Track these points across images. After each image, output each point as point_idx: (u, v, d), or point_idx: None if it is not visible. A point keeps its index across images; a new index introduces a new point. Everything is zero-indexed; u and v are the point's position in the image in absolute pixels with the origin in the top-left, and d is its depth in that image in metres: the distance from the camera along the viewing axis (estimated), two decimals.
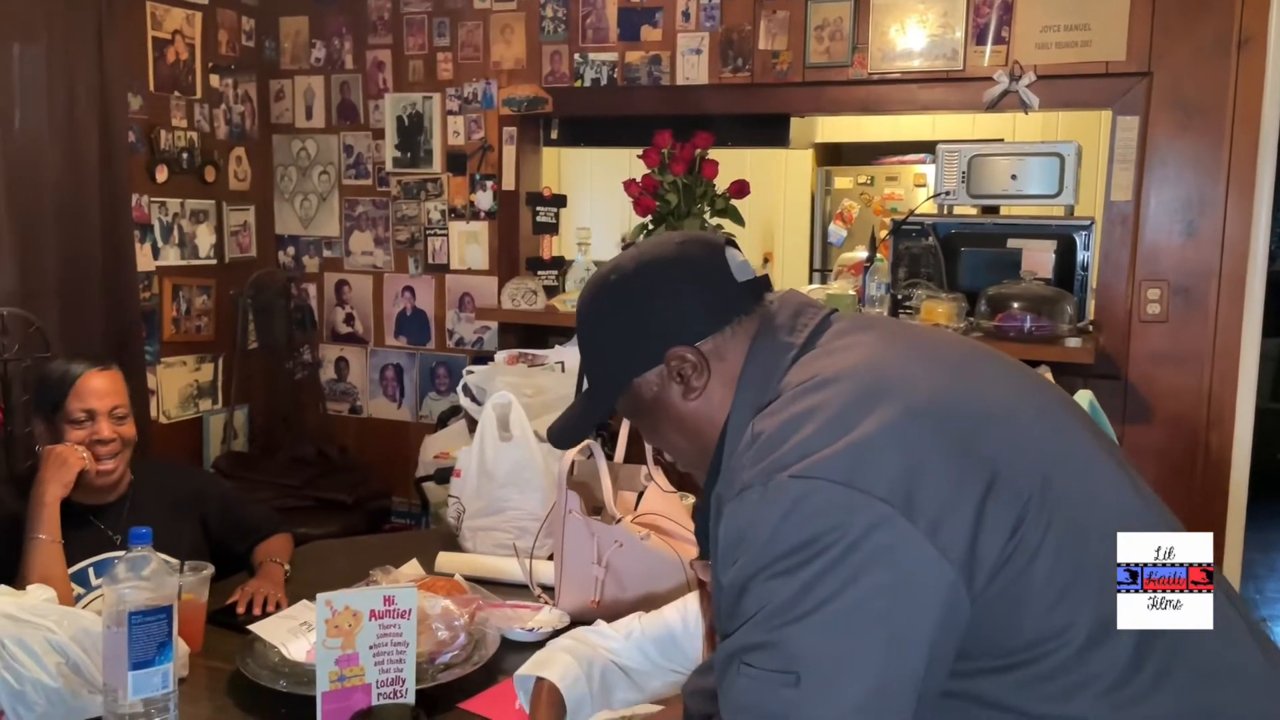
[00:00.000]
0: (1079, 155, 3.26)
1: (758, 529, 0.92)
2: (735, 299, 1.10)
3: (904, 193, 5.41)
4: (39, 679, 1.39)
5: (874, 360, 1.02)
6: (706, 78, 3.60)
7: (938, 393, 0.98)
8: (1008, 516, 0.90)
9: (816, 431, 0.94)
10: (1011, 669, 0.92)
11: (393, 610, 1.44)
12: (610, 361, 1.14)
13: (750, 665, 0.91)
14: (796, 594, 0.89)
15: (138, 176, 3.62)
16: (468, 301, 4.04)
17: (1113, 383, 3.18)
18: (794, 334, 1.07)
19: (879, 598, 0.88)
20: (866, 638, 0.88)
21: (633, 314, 1.11)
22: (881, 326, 1.13)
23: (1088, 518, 0.95)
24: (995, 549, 0.90)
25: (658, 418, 1.13)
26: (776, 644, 0.90)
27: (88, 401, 1.93)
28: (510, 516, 2.16)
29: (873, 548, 0.88)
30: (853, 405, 0.95)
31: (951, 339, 1.18)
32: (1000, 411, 0.99)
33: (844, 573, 0.88)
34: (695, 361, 1.08)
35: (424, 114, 4.01)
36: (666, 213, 3.26)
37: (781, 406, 0.99)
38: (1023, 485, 0.92)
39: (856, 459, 0.91)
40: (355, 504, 3.68)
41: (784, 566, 0.90)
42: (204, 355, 3.98)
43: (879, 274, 3.18)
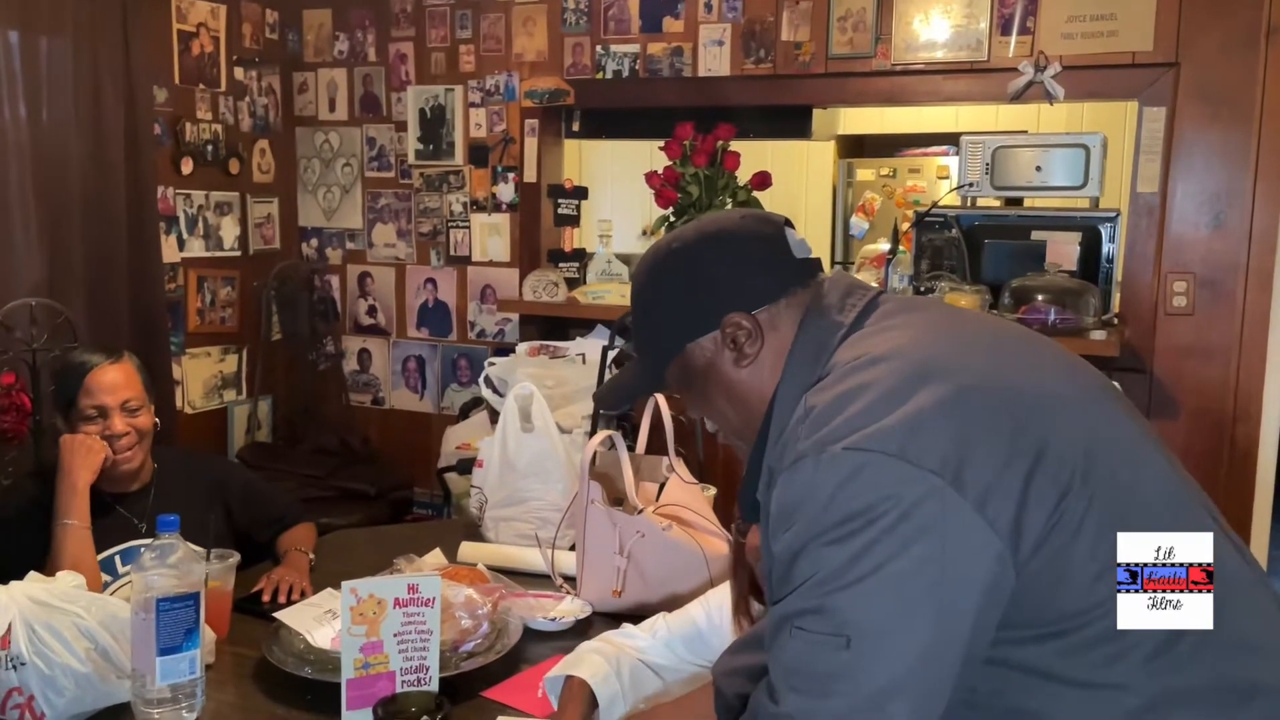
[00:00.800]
0: (1105, 147, 3.23)
1: (812, 499, 0.95)
2: (792, 272, 1.12)
3: (927, 185, 5.38)
4: (68, 664, 1.41)
5: (923, 340, 1.04)
6: (728, 69, 3.59)
7: (986, 371, 1.00)
8: (1052, 492, 0.93)
9: (869, 406, 0.96)
10: (1053, 637, 0.94)
11: (417, 598, 1.45)
12: (667, 326, 1.16)
13: (802, 629, 0.94)
14: (848, 561, 0.92)
15: (163, 169, 3.65)
16: (489, 293, 4.05)
17: (1138, 376, 3.16)
18: (843, 313, 1.09)
19: (928, 565, 0.90)
20: (915, 604, 0.91)
21: (692, 279, 1.13)
22: (928, 308, 1.16)
23: (1130, 496, 0.97)
24: (1040, 522, 0.92)
25: (708, 384, 1.15)
26: (828, 609, 0.93)
27: (97, 398, 1.94)
28: (532, 507, 2.17)
29: (923, 518, 0.90)
30: (904, 382, 0.97)
31: (997, 322, 1.20)
32: (1047, 391, 1.01)
33: (895, 541, 0.91)
34: (750, 329, 1.10)
35: (446, 106, 4.02)
36: (688, 205, 3.26)
37: (834, 382, 1.02)
38: (1067, 462, 0.94)
39: (909, 433, 0.93)
40: (378, 494, 3.70)
41: (837, 535, 0.92)
42: (228, 346, 4.01)
43: (901, 266, 3.17)
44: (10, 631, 1.41)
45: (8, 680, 1.40)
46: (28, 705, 1.40)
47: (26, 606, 1.43)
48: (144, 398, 2.00)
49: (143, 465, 2.02)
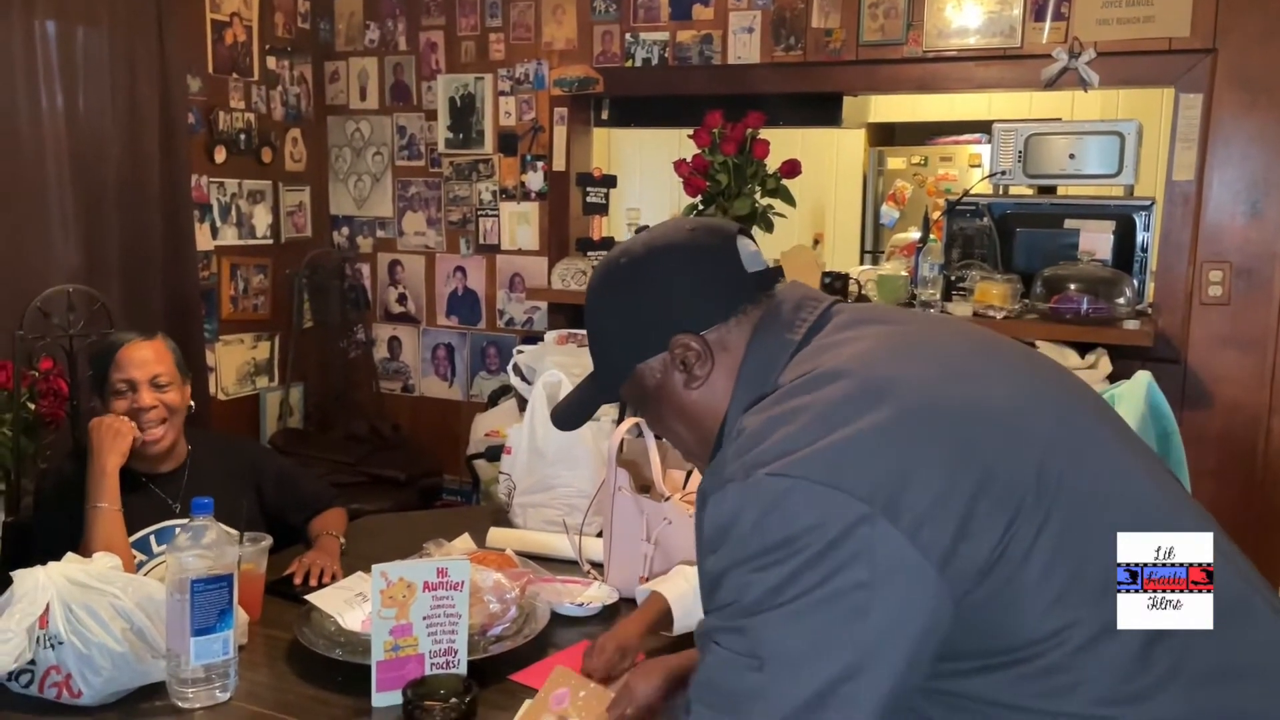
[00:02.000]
0: (1140, 134, 3.19)
1: (736, 525, 0.93)
2: (743, 289, 1.09)
3: (958, 173, 5.33)
4: (105, 643, 1.43)
5: (869, 357, 1.00)
6: (758, 57, 3.57)
7: (934, 390, 0.96)
8: (998, 518, 0.90)
9: (800, 430, 0.93)
10: (1003, 668, 0.92)
11: (446, 582, 1.46)
12: (615, 346, 1.14)
13: (719, 645, 0.93)
14: (771, 590, 0.90)
15: (197, 157, 3.69)
16: (518, 282, 4.06)
17: (1172, 367, 3.12)
18: (794, 329, 1.06)
19: (854, 594, 0.88)
20: (835, 631, 0.88)
21: (639, 299, 1.10)
22: (884, 320, 1.10)
23: (1094, 517, 0.93)
24: (984, 550, 0.89)
25: (660, 406, 1.12)
26: (746, 629, 0.91)
27: (127, 372, 1.97)
28: (560, 493, 2.18)
29: (850, 547, 0.88)
30: (840, 405, 0.94)
31: (962, 331, 1.15)
32: (1001, 409, 0.97)
33: (819, 571, 0.88)
34: (699, 350, 1.07)
35: (476, 95, 4.03)
36: (717, 193, 3.25)
37: (770, 404, 0.99)
38: (1016, 485, 0.91)
39: (838, 458, 0.91)
40: (407, 481, 3.74)
41: (761, 563, 0.91)
42: (260, 333, 4.05)
43: (932, 255, 3.15)
44: (48, 611, 1.44)
45: (46, 659, 1.43)
46: (65, 683, 1.43)
47: (64, 587, 1.46)
48: (175, 376, 2.02)
49: (175, 446, 2.04)
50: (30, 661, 1.43)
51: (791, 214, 3.39)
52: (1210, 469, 3.01)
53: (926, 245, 3.17)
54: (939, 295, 3.11)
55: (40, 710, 1.43)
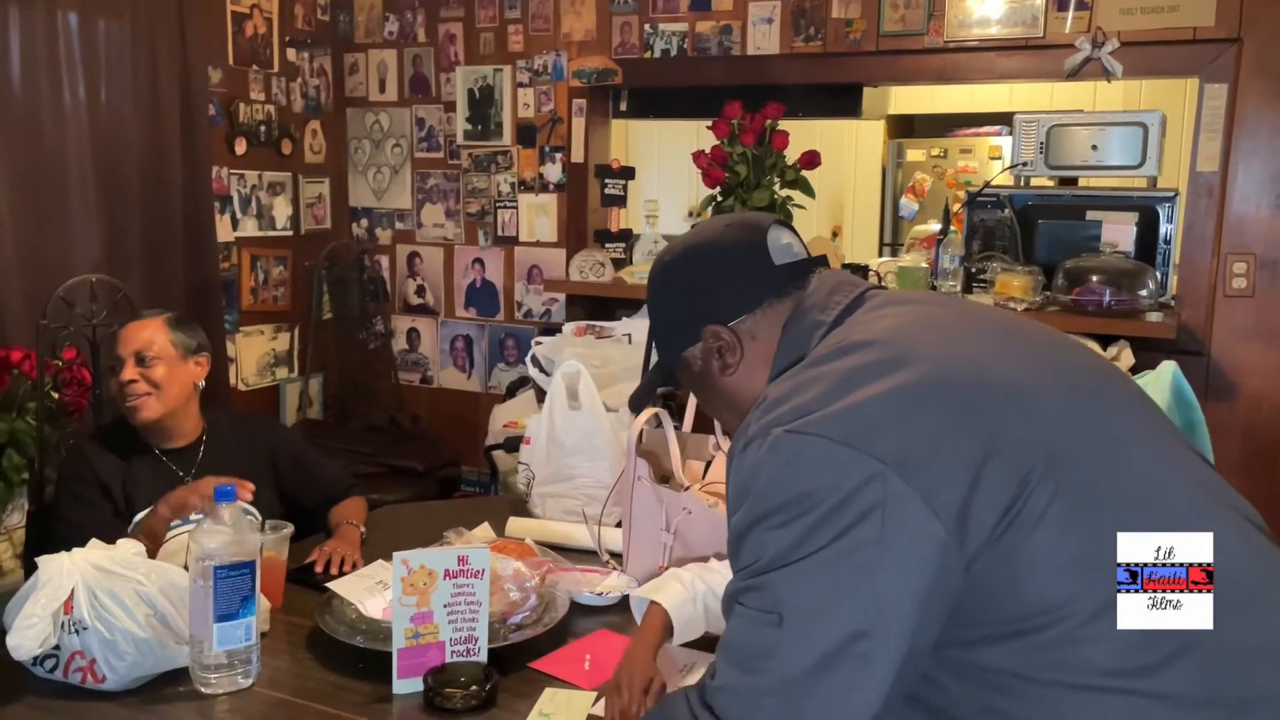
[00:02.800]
0: (1163, 125, 3.16)
1: (756, 482, 0.98)
2: (771, 280, 1.15)
3: (978, 165, 5.31)
4: (129, 629, 1.44)
5: (895, 331, 1.04)
6: (778, 47, 3.56)
7: (952, 364, 1.00)
8: (1008, 484, 0.92)
9: (819, 393, 0.98)
10: (1013, 637, 0.93)
11: (467, 570, 1.46)
12: (665, 338, 1.24)
13: (742, 605, 0.97)
14: (789, 545, 0.93)
15: (217, 149, 3.70)
16: (536, 274, 4.07)
17: (1195, 359, 3.09)
18: (826, 310, 1.11)
19: (866, 548, 0.91)
20: (849, 585, 0.91)
21: (677, 294, 1.20)
22: (916, 301, 1.15)
23: (1107, 491, 0.95)
24: (992, 516, 0.91)
25: (705, 390, 1.21)
26: (765, 586, 0.95)
27: (116, 349, 2.04)
28: (579, 484, 2.18)
29: (864, 502, 0.91)
30: (858, 370, 0.99)
31: (992, 315, 1.19)
32: (1019, 385, 0.99)
33: (835, 525, 0.91)
34: (729, 340, 1.15)
35: (494, 86, 4.03)
36: (735, 184, 3.24)
37: (795, 372, 1.05)
38: (1026, 457, 0.93)
39: (853, 418, 0.95)
40: (426, 471, 3.75)
41: (780, 519, 0.94)
42: (280, 325, 4.07)
43: (952, 247, 3.13)
44: (73, 597, 1.45)
45: (70, 644, 1.44)
46: (90, 668, 1.44)
47: (88, 572, 1.47)
48: (167, 352, 2.04)
49: (180, 421, 2.07)
50: (55, 647, 1.45)
51: (810, 206, 3.38)
52: (1234, 462, 2.98)
53: (947, 237, 3.16)
54: (959, 287, 3.10)
55: (65, 695, 1.44)
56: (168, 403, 2.03)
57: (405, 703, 1.44)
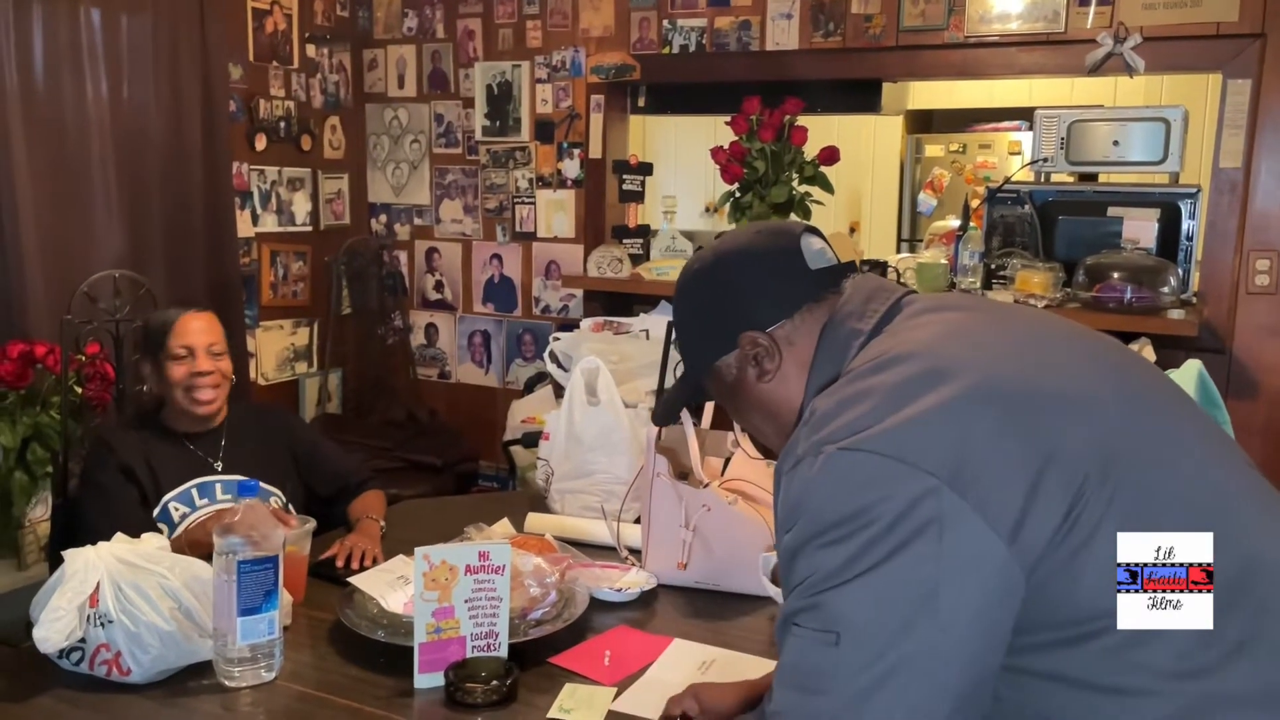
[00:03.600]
0: (1185, 120, 3.14)
1: (809, 499, 0.96)
2: (807, 286, 1.13)
3: (997, 161, 5.28)
4: (154, 622, 1.45)
5: (938, 342, 1.02)
6: (797, 43, 3.55)
7: (1000, 374, 0.98)
8: (1064, 494, 0.91)
9: (869, 409, 0.96)
10: (1073, 643, 0.92)
11: (487, 566, 1.47)
12: (695, 346, 1.21)
13: (798, 625, 0.96)
14: (844, 563, 0.92)
15: (238, 144, 3.72)
16: (554, 269, 4.07)
17: (1217, 356, 3.07)
18: (864, 319, 1.09)
19: (924, 565, 0.90)
20: (908, 604, 0.90)
21: (710, 301, 1.18)
22: (955, 307, 1.12)
23: (1159, 498, 0.94)
24: (1049, 527, 0.90)
25: (739, 399, 1.19)
26: (821, 605, 0.93)
27: (187, 339, 2.08)
28: (598, 480, 2.18)
29: (919, 518, 0.90)
30: (910, 385, 0.97)
31: (1035, 317, 1.17)
32: (1069, 392, 0.98)
33: (891, 542, 0.90)
34: (766, 346, 1.13)
35: (513, 82, 4.03)
36: (754, 180, 3.24)
37: (840, 387, 1.03)
38: (1081, 464, 0.92)
39: (906, 434, 0.93)
40: (444, 466, 3.76)
41: (833, 536, 0.93)
42: (300, 320, 4.09)
43: (972, 243, 3.12)
44: (98, 590, 1.46)
45: (96, 637, 1.46)
46: (115, 661, 1.46)
47: (114, 566, 1.48)
48: (224, 347, 2.14)
49: (219, 409, 2.13)
50: (80, 640, 1.46)
51: (828, 201, 3.37)
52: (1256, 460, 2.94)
53: (966, 233, 3.14)
54: (979, 283, 3.08)
55: (90, 688, 1.46)
56: (226, 394, 2.12)
57: (426, 697, 1.45)
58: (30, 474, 2.65)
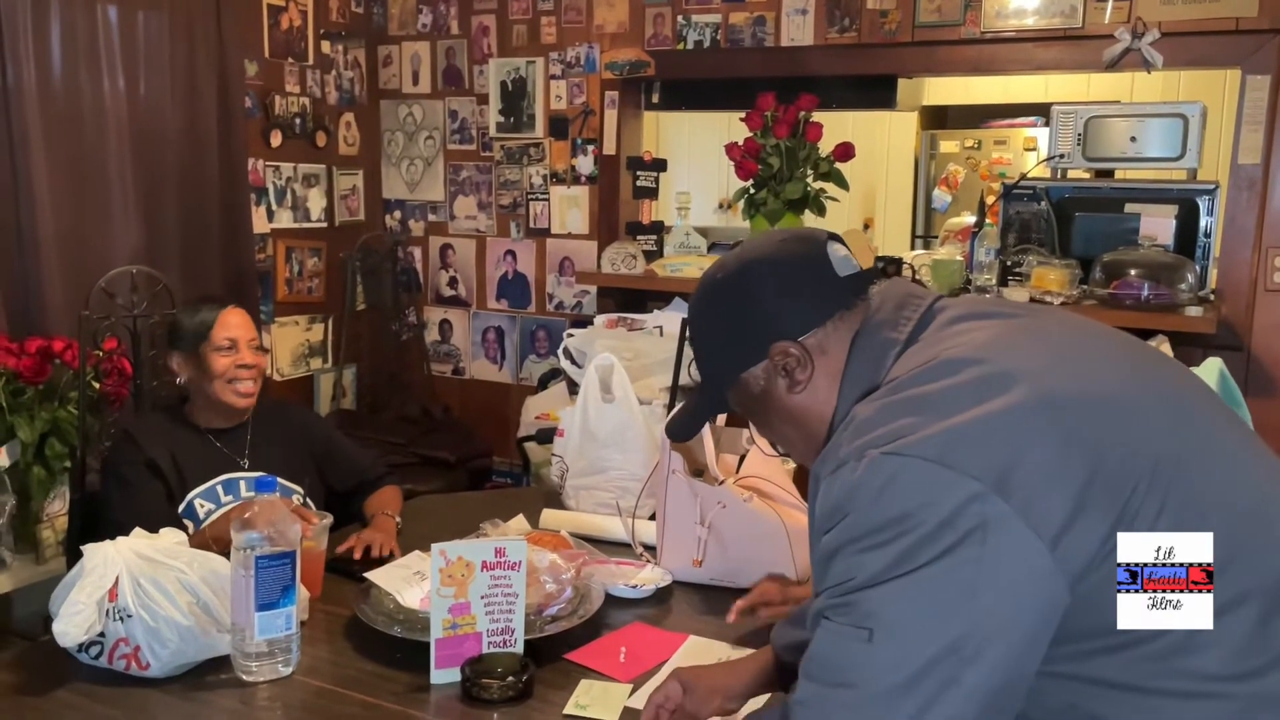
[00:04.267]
0: (1204, 116, 3.12)
1: (851, 503, 0.95)
2: (837, 293, 1.12)
3: (1013, 157, 5.26)
4: (172, 617, 1.46)
5: (988, 349, 1.01)
6: (812, 39, 3.54)
7: (1047, 380, 0.97)
8: (1112, 503, 0.90)
9: (916, 415, 0.95)
10: (1124, 648, 0.92)
11: (503, 562, 1.47)
12: (719, 357, 1.18)
13: (829, 619, 0.96)
14: (885, 566, 0.92)
15: (253, 141, 3.74)
16: (568, 266, 4.07)
17: (1235, 354, 3.05)
18: (897, 328, 1.08)
19: (965, 568, 0.89)
20: (946, 605, 0.89)
21: (737, 310, 1.14)
22: (994, 314, 1.10)
23: (1207, 501, 0.94)
24: (1097, 537, 0.90)
25: (767, 411, 1.16)
26: (856, 603, 0.93)
27: (231, 331, 2.11)
28: (612, 476, 2.18)
29: (963, 523, 0.89)
30: (958, 392, 0.96)
31: (1070, 321, 1.16)
32: (1114, 397, 0.98)
33: (934, 547, 0.90)
34: (799, 355, 1.10)
35: (527, 79, 4.03)
36: (768, 177, 3.23)
37: (885, 393, 1.02)
38: (1131, 472, 0.91)
39: (951, 439, 0.92)
40: (458, 462, 3.77)
41: (875, 541, 0.93)
42: (315, 315, 4.11)
43: (987, 239, 3.11)
44: (117, 585, 1.47)
45: (115, 631, 1.46)
46: (134, 655, 1.46)
47: (132, 561, 1.49)
48: (260, 343, 2.18)
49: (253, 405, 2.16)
50: (100, 634, 1.47)
51: (843, 198, 3.36)
52: None
53: (982, 230, 3.13)
54: (995, 281, 3.07)
55: (110, 681, 1.47)
56: (259, 387, 2.15)
57: (442, 692, 1.45)
58: (48, 469, 2.67)
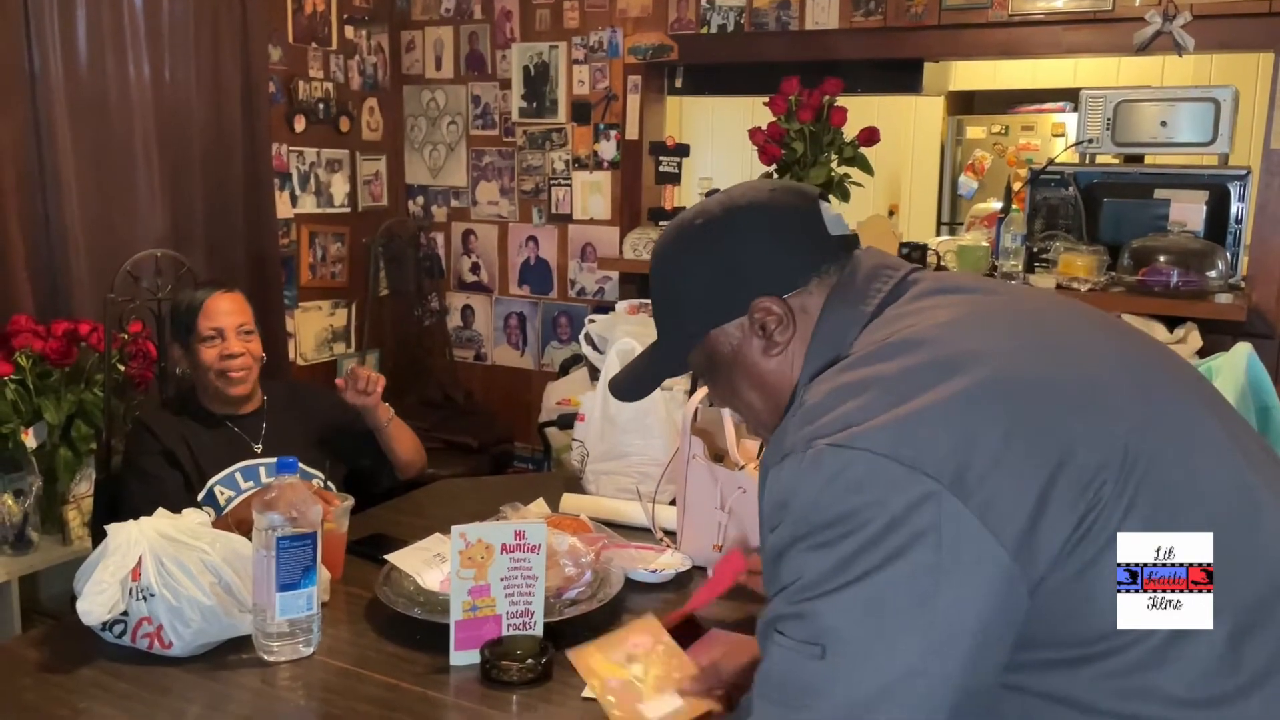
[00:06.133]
0: (1235, 101, 3.06)
1: (797, 498, 0.88)
2: (825, 253, 1.04)
3: (1040, 143, 5.19)
4: (194, 597, 1.47)
5: (944, 328, 0.94)
6: (837, 22, 3.51)
7: (1010, 366, 0.90)
8: (1078, 500, 0.84)
9: (867, 401, 0.88)
10: (1082, 662, 0.86)
11: (523, 545, 1.47)
12: (690, 309, 1.07)
13: (781, 633, 0.88)
14: (833, 568, 0.85)
15: (277, 126, 3.75)
16: (590, 251, 4.07)
17: (1266, 342, 3.00)
18: (866, 299, 1.00)
19: (920, 576, 0.82)
20: (902, 617, 0.83)
21: (718, 260, 1.04)
22: (965, 289, 1.02)
23: (1181, 502, 0.87)
24: (1060, 535, 0.83)
25: (734, 373, 1.07)
26: (807, 615, 0.86)
27: (216, 320, 2.08)
28: (633, 461, 2.18)
29: (916, 525, 0.82)
30: (910, 375, 0.89)
31: (1048, 302, 1.08)
32: (1085, 385, 0.90)
33: (884, 549, 0.83)
34: (781, 315, 1.02)
35: (550, 63, 4.02)
36: (792, 161, 3.21)
37: (836, 373, 0.94)
38: (1099, 465, 0.84)
39: (904, 431, 0.85)
40: (480, 447, 3.78)
41: (822, 539, 0.86)
42: (338, 301, 4.12)
43: (1014, 225, 3.07)
44: (141, 564, 1.48)
45: (138, 610, 1.47)
46: (157, 634, 1.47)
47: (155, 541, 1.50)
48: (254, 327, 2.13)
49: (252, 391, 2.14)
50: (123, 613, 1.48)
51: (867, 183, 3.33)
52: None
53: (1009, 215, 3.10)
54: (1021, 267, 3.04)
55: (133, 660, 1.48)
56: (256, 376, 2.12)
57: (462, 674, 1.45)
58: (75, 450, 2.70)
